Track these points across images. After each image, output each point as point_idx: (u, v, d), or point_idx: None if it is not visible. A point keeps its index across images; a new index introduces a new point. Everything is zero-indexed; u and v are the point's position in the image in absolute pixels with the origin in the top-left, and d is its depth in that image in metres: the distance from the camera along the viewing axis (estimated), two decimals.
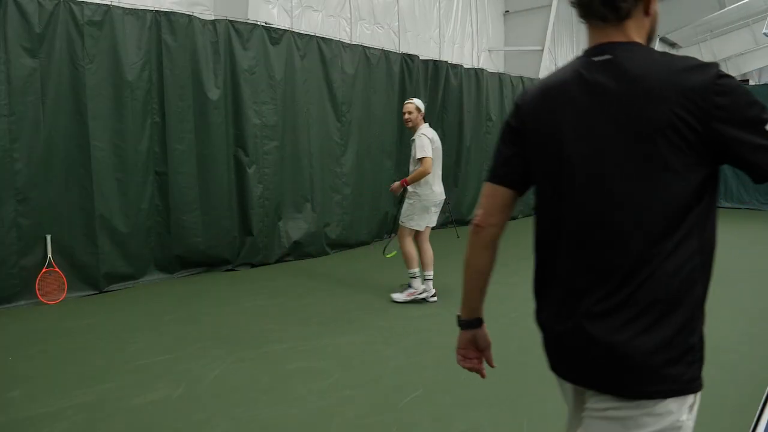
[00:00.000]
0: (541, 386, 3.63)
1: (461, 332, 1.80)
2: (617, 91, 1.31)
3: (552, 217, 1.53)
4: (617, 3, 1.36)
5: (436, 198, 5.48)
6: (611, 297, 1.32)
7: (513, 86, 11.86)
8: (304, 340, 4.51)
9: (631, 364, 1.30)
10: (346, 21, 9.05)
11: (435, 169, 5.41)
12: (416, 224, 5.48)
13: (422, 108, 5.60)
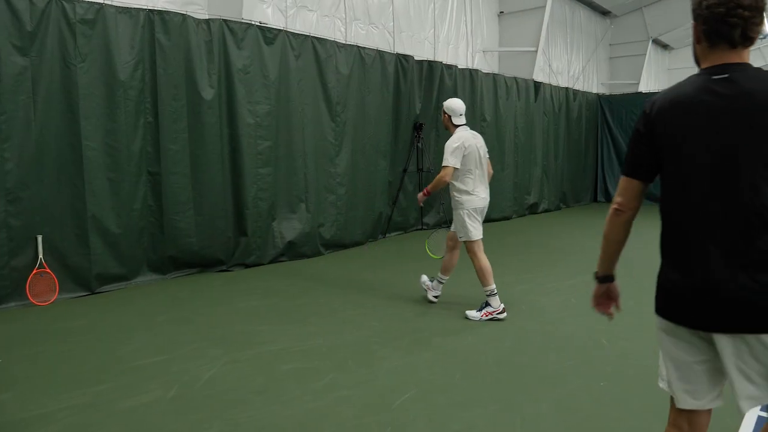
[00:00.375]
0: (536, 386, 3.63)
1: (597, 285, 2.27)
2: (739, 105, 1.71)
3: (681, 198, 1.86)
4: (752, 35, 1.74)
5: (479, 203, 5.17)
6: (756, 257, 1.71)
7: (507, 87, 11.88)
8: (299, 341, 4.50)
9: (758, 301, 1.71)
10: (341, 21, 9.04)
11: (473, 174, 5.12)
12: (474, 233, 5.12)
13: (454, 109, 5.25)
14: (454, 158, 5.04)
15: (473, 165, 5.13)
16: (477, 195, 5.15)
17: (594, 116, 15.70)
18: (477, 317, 5.01)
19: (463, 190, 5.13)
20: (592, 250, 9.08)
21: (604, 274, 2.23)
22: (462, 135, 5.13)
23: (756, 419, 3.17)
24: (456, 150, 5.04)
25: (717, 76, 1.77)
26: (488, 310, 5.02)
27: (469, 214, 5.10)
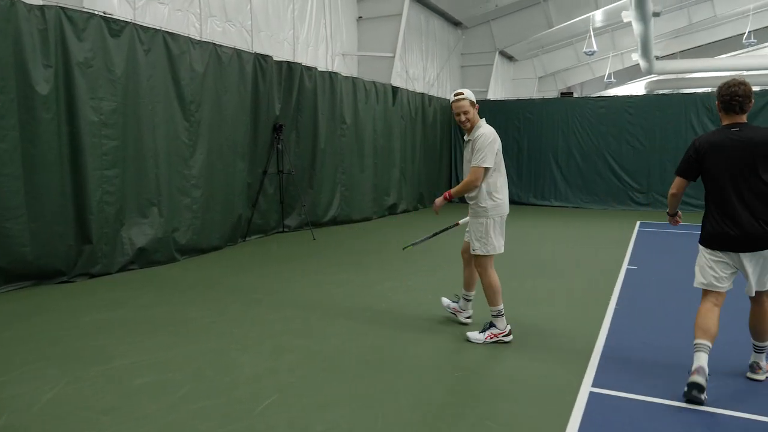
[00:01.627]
0: (396, 381, 3.76)
1: (670, 217, 4.13)
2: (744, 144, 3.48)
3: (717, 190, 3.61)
4: (746, 109, 3.55)
5: (505, 209, 4.49)
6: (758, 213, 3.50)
7: (366, 90, 12.14)
8: (152, 353, 4.24)
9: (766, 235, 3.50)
10: (196, 17, 8.68)
11: (499, 175, 4.47)
12: (494, 246, 4.44)
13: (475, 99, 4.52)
14: (488, 157, 4.32)
15: (500, 164, 4.47)
16: (502, 199, 4.47)
17: (448, 121, 16.56)
18: (480, 340, 4.46)
19: (489, 195, 4.40)
20: (448, 247, 9.61)
21: (673, 212, 4.11)
22: (491, 129, 4.44)
23: (588, 395, 3.55)
24: (489, 146, 4.34)
25: (733, 129, 3.58)
26: (493, 332, 4.46)
27: (495, 223, 4.41)
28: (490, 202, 4.39)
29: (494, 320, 4.49)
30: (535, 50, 23.11)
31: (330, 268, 7.35)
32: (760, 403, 3.44)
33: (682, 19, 20.91)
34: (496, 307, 4.47)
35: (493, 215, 4.40)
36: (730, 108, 3.58)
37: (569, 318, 5.21)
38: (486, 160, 4.31)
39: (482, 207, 4.41)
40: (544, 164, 15.79)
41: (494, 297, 4.47)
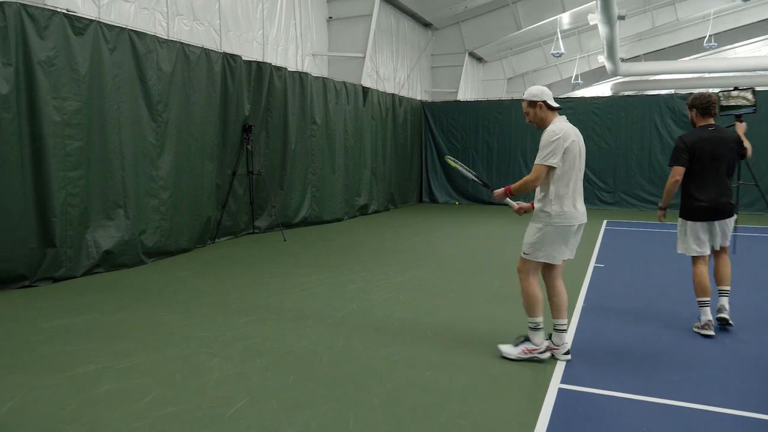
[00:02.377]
0: (367, 381, 3.75)
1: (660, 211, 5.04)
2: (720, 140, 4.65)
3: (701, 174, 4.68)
4: (715, 113, 4.74)
5: (574, 219, 3.98)
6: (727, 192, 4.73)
7: (337, 91, 12.11)
8: (118, 359, 4.15)
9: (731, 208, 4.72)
10: (162, 15, 8.54)
11: (570, 181, 3.96)
12: (546, 255, 4.01)
13: (545, 91, 4.08)
14: (552, 155, 3.89)
15: (572, 167, 3.97)
16: (572, 208, 3.97)
17: (418, 121, 16.63)
18: (513, 354, 4.09)
19: (553, 199, 3.95)
20: (419, 247, 9.64)
21: (665, 205, 4.98)
22: (563, 126, 3.98)
23: (557, 391, 3.59)
24: (556, 144, 3.89)
25: (710, 128, 4.70)
26: (528, 347, 4.08)
27: (553, 232, 3.96)
28: (555, 209, 3.93)
29: (530, 334, 4.09)
30: (504, 52, 23.36)
31: (301, 269, 7.30)
32: (724, 397, 3.53)
33: (646, 22, 21.38)
34: (534, 318, 4.08)
35: (555, 223, 3.93)
36: (707, 113, 4.73)
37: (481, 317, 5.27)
38: (549, 158, 3.89)
39: (545, 212, 3.97)
40: (513, 164, 15.97)
41: (531, 307, 4.08)
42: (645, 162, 14.42)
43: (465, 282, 6.64)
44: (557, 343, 4.16)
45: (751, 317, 5.20)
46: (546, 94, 4.06)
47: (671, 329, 4.85)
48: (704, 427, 3.16)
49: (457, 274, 7.10)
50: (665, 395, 3.56)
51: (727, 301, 4.83)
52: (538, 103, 4.07)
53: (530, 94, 4.11)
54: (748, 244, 8.96)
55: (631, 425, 3.18)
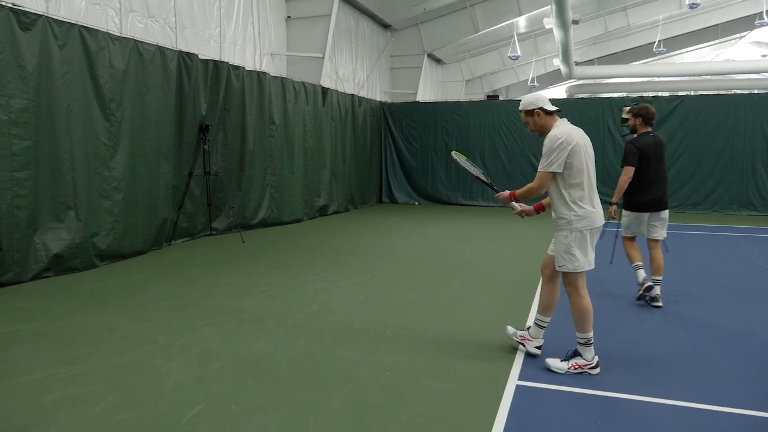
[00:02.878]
0: (327, 383, 3.74)
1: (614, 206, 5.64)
2: (659, 144, 5.68)
3: (647, 173, 5.56)
4: (653, 122, 5.73)
5: (594, 221, 3.90)
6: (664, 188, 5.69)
7: (296, 91, 12.02)
8: (69, 365, 4.02)
9: (666, 201, 5.70)
10: (115, 11, 8.30)
11: (583, 182, 3.87)
12: (581, 263, 3.90)
13: (540, 97, 4.01)
14: (556, 160, 3.82)
15: (582, 169, 3.88)
16: (590, 209, 3.88)
17: (378, 122, 16.66)
18: (563, 369, 3.91)
19: (571, 203, 3.87)
20: (379, 248, 9.67)
21: (617, 200, 5.60)
22: (565, 129, 3.90)
23: (515, 388, 3.66)
24: (558, 149, 3.81)
25: (651, 134, 5.64)
26: (578, 362, 3.92)
27: (579, 237, 3.87)
28: (572, 214, 3.85)
29: (581, 349, 3.94)
30: (463, 54, 23.61)
31: (259, 271, 7.22)
32: (676, 389, 3.66)
33: (599, 27, 21.95)
34: (585, 334, 3.92)
35: (577, 227, 3.85)
36: (649, 122, 5.64)
37: (496, 314, 5.36)
38: (551, 164, 3.83)
39: (563, 218, 3.90)
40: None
41: (584, 322, 3.93)
42: (599, 163, 14.56)
43: (425, 282, 6.69)
44: (534, 335, 4.24)
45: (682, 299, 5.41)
46: (541, 100, 3.98)
47: (622, 324, 5.00)
48: (657, 420, 3.26)
49: (417, 274, 7.15)
50: (619, 390, 3.67)
51: (659, 289, 5.68)
52: (534, 111, 3.99)
53: (525, 103, 4.03)
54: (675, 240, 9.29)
55: (587, 420, 3.26)
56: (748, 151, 14.00)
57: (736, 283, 6.69)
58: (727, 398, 3.52)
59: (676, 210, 14.44)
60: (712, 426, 3.19)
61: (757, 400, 3.50)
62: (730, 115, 14.10)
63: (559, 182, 3.89)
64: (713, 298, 6.01)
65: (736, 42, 27.77)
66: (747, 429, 3.17)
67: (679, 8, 20.58)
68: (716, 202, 14.24)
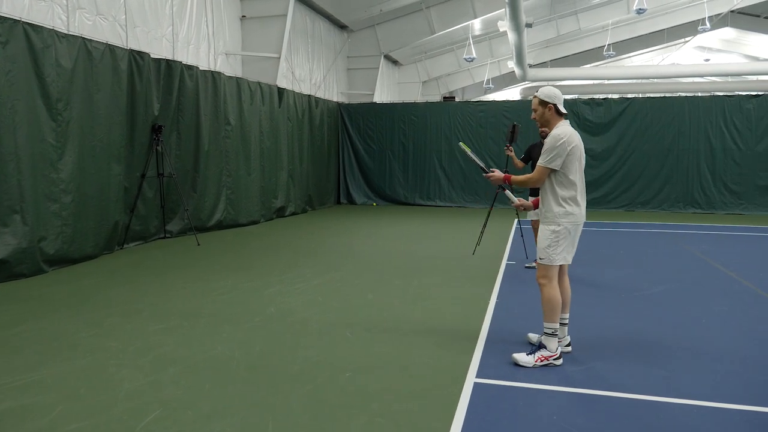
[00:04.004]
0: (286, 385, 3.71)
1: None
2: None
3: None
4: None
5: (582, 217, 4.13)
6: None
7: (251, 91, 11.88)
8: (16, 374, 3.87)
9: None
10: (62, 8, 8.03)
11: (576, 181, 4.08)
12: (563, 257, 4.10)
13: (559, 96, 4.13)
14: (557, 158, 3.99)
15: (576, 169, 4.09)
16: (576, 208, 4.08)
17: (335, 123, 16.62)
18: (530, 363, 4.03)
19: (561, 200, 4.06)
20: (337, 249, 9.64)
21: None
22: (567, 130, 4.06)
23: (473, 386, 3.71)
24: (560, 148, 3.98)
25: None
26: (543, 354, 4.05)
27: (561, 231, 4.05)
28: (561, 210, 4.05)
29: (546, 340, 4.08)
30: (419, 55, 23.79)
31: (216, 274, 7.10)
32: (632, 383, 3.78)
33: (551, 30, 22.48)
34: (551, 324, 4.07)
35: (563, 222, 4.05)
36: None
37: (454, 313, 5.42)
38: (552, 161, 4.00)
39: (553, 213, 4.08)
40: (428, 166, 16.31)
41: (554, 312, 4.07)
42: None
43: (383, 282, 6.71)
44: (560, 335, 4.26)
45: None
46: (558, 99, 4.12)
47: (577, 319, 5.14)
48: (611, 413, 3.37)
49: (376, 274, 7.16)
50: (573, 385, 3.77)
51: None
52: (549, 105, 4.12)
53: (545, 94, 4.13)
54: None
55: (544, 415, 3.33)
56: (692, 152, 14.59)
57: (683, 277, 6.95)
58: (680, 390, 3.66)
59: (626, 209, 14.92)
60: (665, 417, 3.31)
61: (714, 392, 3.65)
62: (675, 116, 14.67)
63: (553, 180, 4.08)
64: (663, 293, 6.23)
65: (681, 47, 28.89)
66: (702, 419, 3.31)
67: (627, 13, 21.27)
68: (663, 201, 14.77)
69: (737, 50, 29.34)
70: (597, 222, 12.58)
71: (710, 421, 3.25)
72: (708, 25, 20.66)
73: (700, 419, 3.28)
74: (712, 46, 29.85)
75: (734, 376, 3.89)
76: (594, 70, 25.56)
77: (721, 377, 3.87)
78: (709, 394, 3.59)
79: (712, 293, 6.21)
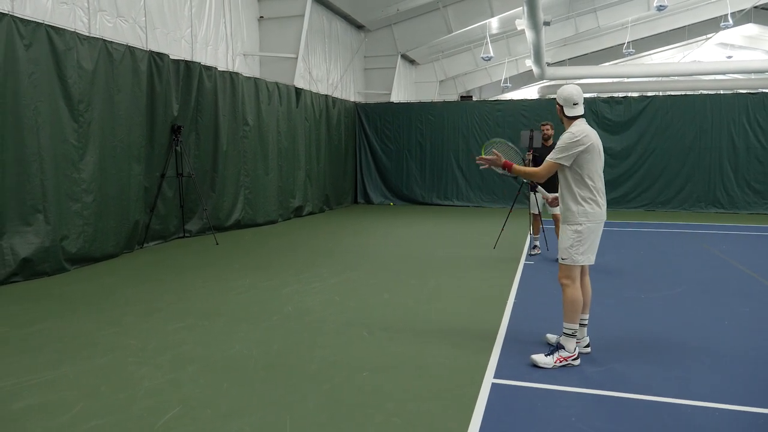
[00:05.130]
0: (303, 385, 3.72)
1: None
2: None
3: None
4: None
5: (599, 218, 4.09)
6: None
7: (269, 92, 11.95)
8: (37, 372, 3.93)
9: None
10: (83, 11, 8.15)
11: (595, 180, 4.06)
12: (585, 257, 4.08)
13: (567, 98, 4.11)
14: (563, 154, 4.01)
15: (594, 167, 4.07)
16: (596, 207, 4.06)
17: (352, 123, 16.64)
18: (549, 364, 4.01)
19: (580, 199, 4.04)
20: (354, 249, 9.66)
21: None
22: (583, 129, 4.06)
23: (490, 386, 3.69)
24: (571, 145, 3.99)
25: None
26: (562, 355, 4.04)
27: (583, 231, 4.03)
28: (580, 209, 4.04)
29: (564, 341, 4.07)
30: (436, 55, 23.72)
31: (234, 273, 7.15)
32: (645, 384, 3.73)
33: (569, 28, 22.26)
34: (572, 325, 4.06)
35: (583, 221, 4.03)
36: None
37: (472, 313, 5.39)
38: (561, 158, 4.02)
39: (571, 211, 4.07)
40: (446, 165, 16.26)
41: (572, 313, 4.06)
42: None
43: (400, 282, 6.70)
44: (579, 336, 4.24)
45: None
46: (568, 100, 4.13)
47: (597, 319, 5.08)
48: (629, 415, 3.32)
49: (392, 274, 7.16)
50: (591, 386, 3.73)
51: None
52: (557, 105, 4.22)
53: (559, 97, 4.17)
54: None
55: (562, 416, 3.30)
56: (714, 150, 14.34)
57: (704, 278, 6.84)
58: (699, 392, 3.61)
59: (646, 208, 14.72)
60: (684, 419, 3.26)
61: (734, 395, 3.59)
62: (697, 114, 14.43)
63: (570, 179, 4.09)
64: (682, 293, 6.14)
65: (703, 44, 28.44)
66: (722, 422, 3.25)
67: (647, 10, 20.99)
68: (685, 201, 14.55)
69: (760, 47, 28.79)
70: (617, 222, 12.44)
71: (729, 424, 3.19)
72: (730, 22, 20.29)
73: (719, 422, 3.22)
74: (734, 43, 29.32)
75: (755, 379, 3.82)
76: (613, 68, 25.27)
77: (740, 380, 3.80)
78: (728, 396, 3.53)
79: (733, 294, 6.11)
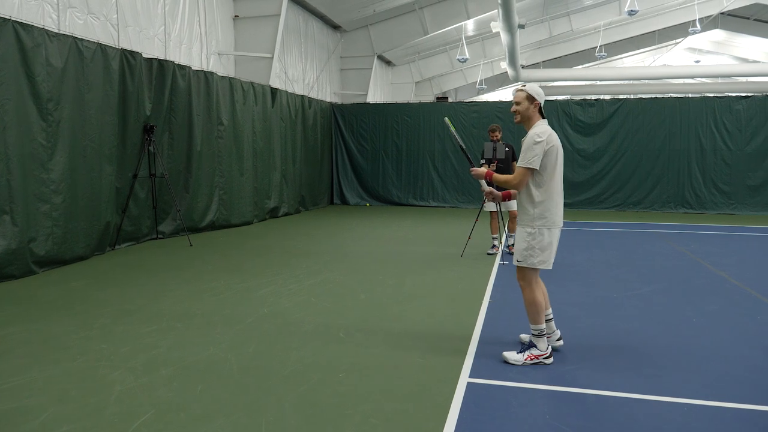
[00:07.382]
0: (279, 387, 3.69)
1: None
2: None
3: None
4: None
5: (556, 221, 4.05)
6: None
7: (244, 91, 11.84)
8: (4, 378, 3.83)
9: None
10: (52, 7, 7.97)
11: (554, 183, 4.01)
12: (541, 260, 4.03)
13: (541, 98, 4.09)
14: (536, 157, 3.93)
15: (555, 170, 4.01)
16: (553, 210, 4.03)
17: (328, 123, 16.60)
18: (519, 361, 4.06)
19: (537, 202, 4.00)
20: (330, 249, 9.63)
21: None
22: (546, 129, 4.02)
23: (466, 385, 3.71)
24: (538, 146, 3.93)
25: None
26: (533, 353, 4.09)
27: (536, 235, 4.01)
28: (537, 212, 4.00)
29: (535, 340, 4.12)
30: (412, 56, 23.78)
31: (208, 275, 7.07)
32: (621, 381, 3.79)
33: (543, 31, 22.52)
34: (538, 326, 4.10)
35: (540, 225, 4.00)
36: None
37: (448, 313, 5.42)
38: (531, 161, 3.94)
39: (531, 214, 4.04)
40: (422, 166, 16.32)
41: (537, 315, 4.09)
42: None
43: (376, 283, 6.70)
44: (549, 331, 4.31)
45: None
46: (543, 98, 4.12)
47: (568, 319, 5.14)
48: (604, 412, 3.37)
49: (369, 275, 7.15)
50: (566, 384, 3.77)
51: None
52: (535, 102, 4.09)
53: (533, 90, 4.11)
54: None
55: (537, 414, 3.33)
56: (683, 152, 14.67)
57: (674, 277, 6.98)
58: (671, 389, 3.67)
59: (618, 209, 14.98)
60: (656, 415, 3.31)
61: (705, 390, 3.66)
62: (666, 117, 14.75)
63: (532, 181, 4.02)
64: (653, 292, 6.25)
65: (672, 48, 29.04)
66: (693, 417, 3.31)
67: (619, 14, 21.35)
68: (655, 201, 14.85)
69: (727, 52, 29.53)
70: (589, 222, 12.62)
71: (700, 419, 3.26)
72: (698, 27, 20.76)
73: (691, 417, 3.29)
74: (702, 48, 30.04)
75: (724, 375, 3.90)
76: (586, 71, 25.62)
77: (711, 375, 3.89)
78: (699, 392, 3.60)
79: (702, 292, 6.24)
